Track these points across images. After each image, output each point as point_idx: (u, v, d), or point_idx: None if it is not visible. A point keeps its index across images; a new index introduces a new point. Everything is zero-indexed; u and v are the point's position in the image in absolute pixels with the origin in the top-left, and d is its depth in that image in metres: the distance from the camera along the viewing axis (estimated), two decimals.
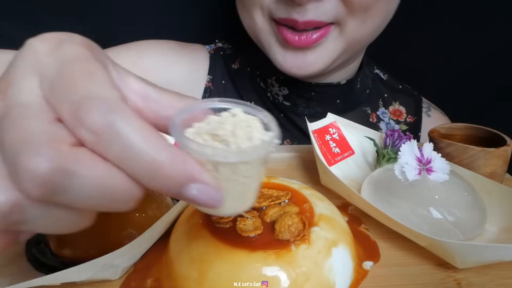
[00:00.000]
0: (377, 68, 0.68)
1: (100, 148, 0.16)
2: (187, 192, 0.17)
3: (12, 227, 0.16)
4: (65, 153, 0.15)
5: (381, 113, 0.63)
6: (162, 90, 0.20)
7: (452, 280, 0.29)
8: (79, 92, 0.16)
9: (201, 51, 0.64)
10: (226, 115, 0.19)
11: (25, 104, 0.16)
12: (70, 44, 0.18)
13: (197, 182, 0.17)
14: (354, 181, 0.42)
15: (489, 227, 0.33)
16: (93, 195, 0.16)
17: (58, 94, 0.16)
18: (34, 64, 0.17)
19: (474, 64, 0.73)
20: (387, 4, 0.47)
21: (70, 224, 0.17)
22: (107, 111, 0.15)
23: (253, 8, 0.48)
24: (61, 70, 0.17)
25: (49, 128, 0.16)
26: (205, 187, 0.17)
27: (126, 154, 0.16)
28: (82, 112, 0.15)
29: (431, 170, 0.33)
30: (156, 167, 0.16)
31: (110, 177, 0.16)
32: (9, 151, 0.15)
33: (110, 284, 0.28)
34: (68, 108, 0.16)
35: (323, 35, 0.46)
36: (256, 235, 0.27)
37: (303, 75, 0.49)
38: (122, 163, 0.16)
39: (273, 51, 0.50)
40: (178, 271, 0.28)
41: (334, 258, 0.27)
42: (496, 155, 0.38)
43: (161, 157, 0.16)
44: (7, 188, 0.16)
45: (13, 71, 0.18)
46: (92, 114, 0.15)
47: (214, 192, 0.17)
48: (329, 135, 0.45)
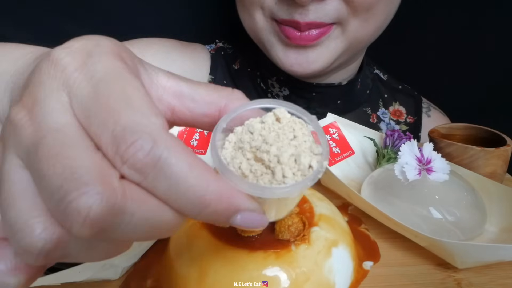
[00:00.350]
0: (377, 69, 0.68)
1: (147, 185, 0.15)
2: (233, 221, 0.17)
3: (53, 262, 0.16)
4: (116, 191, 0.14)
5: (382, 113, 0.63)
6: (195, 84, 0.19)
7: (452, 280, 0.29)
8: (119, 122, 0.15)
9: (202, 51, 0.64)
10: (270, 118, 0.19)
11: (61, 129, 0.15)
12: (100, 56, 0.17)
13: (243, 212, 0.17)
14: (354, 181, 0.42)
15: (489, 227, 0.33)
16: (141, 230, 0.15)
17: (95, 121, 0.15)
18: (63, 81, 0.16)
19: (474, 64, 0.73)
20: (388, 4, 0.47)
21: (111, 253, 0.17)
22: (152, 147, 0.14)
23: (253, 8, 0.48)
24: (96, 92, 0.15)
25: (95, 161, 0.14)
26: (250, 215, 0.17)
27: (174, 191, 0.15)
28: (126, 148, 0.14)
29: (431, 170, 0.33)
30: (204, 204, 0.15)
31: (159, 212, 0.15)
32: (51, 186, 0.14)
33: (110, 284, 0.28)
34: (109, 140, 0.15)
35: (324, 32, 0.46)
36: (256, 235, 0.27)
37: (304, 73, 0.49)
38: (170, 199, 0.15)
39: (275, 49, 0.49)
40: (178, 271, 0.28)
41: (334, 258, 0.27)
42: (496, 155, 0.38)
43: (209, 195, 0.15)
44: (49, 225, 0.14)
45: (39, 88, 0.16)
46: (136, 151, 0.14)
47: (259, 218, 0.17)
48: (329, 135, 0.45)
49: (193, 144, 0.46)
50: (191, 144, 0.46)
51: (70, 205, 0.13)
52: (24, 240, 0.14)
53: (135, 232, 0.15)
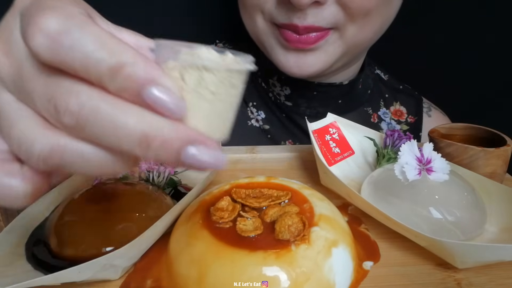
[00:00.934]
0: (378, 69, 0.68)
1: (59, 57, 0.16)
2: (147, 92, 0.16)
3: (54, 170, 0.19)
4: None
5: (382, 113, 0.64)
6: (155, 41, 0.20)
7: (452, 280, 0.29)
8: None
9: None
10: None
11: None
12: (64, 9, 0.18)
13: (158, 85, 0.16)
14: (354, 181, 0.42)
15: (489, 227, 0.33)
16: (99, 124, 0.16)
17: None
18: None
19: (474, 64, 0.73)
20: (387, 9, 0.47)
21: (102, 163, 0.18)
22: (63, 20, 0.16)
23: (254, 12, 0.49)
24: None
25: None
26: (165, 91, 0.16)
27: (85, 60, 0.16)
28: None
29: (431, 170, 0.33)
30: (118, 67, 0.16)
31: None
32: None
33: (110, 284, 0.28)
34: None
35: (322, 36, 0.47)
36: (256, 235, 0.27)
37: (302, 76, 0.50)
38: (85, 71, 0.16)
39: (275, 52, 0.51)
40: (178, 271, 0.28)
41: (334, 258, 0.27)
42: (496, 155, 0.38)
43: (121, 58, 0.16)
44: (42, 136, 0.17)
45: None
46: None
47: (175, 98, 0.17)
48: (329, 135, 0.45)
49: None
50: None
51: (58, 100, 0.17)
52: (25, 149, 0.17)
53: (99, 129, 0.16)
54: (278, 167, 0.48)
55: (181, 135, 0.17)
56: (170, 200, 0.35)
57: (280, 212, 0.29)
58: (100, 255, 0.26)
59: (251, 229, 0.28)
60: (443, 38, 0.73)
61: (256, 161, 0.49)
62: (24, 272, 0.28)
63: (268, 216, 0.29)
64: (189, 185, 0.40)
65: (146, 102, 0.16)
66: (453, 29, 0.72)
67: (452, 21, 0.71)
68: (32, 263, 0.29)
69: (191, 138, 0.17)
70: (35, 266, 0.29)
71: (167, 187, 0.38)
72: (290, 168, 0.48)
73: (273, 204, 0.30)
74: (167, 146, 0.16)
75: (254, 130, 0.61)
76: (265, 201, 0.31)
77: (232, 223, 0.28)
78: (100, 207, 0.31)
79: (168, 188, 0.38)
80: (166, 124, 0.16)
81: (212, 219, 0.29)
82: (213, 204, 0.31)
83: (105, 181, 0.35)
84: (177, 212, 0.32)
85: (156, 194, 0.34)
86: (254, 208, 0.30)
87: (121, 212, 0.31)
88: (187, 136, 0.17)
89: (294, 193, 0.32)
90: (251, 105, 0.62)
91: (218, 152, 0.17)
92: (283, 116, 0.61)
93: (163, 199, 0.34)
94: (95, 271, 0.26)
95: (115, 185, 0.34)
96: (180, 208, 0.33)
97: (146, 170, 0.37)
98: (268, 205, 0.30)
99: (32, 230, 0.32)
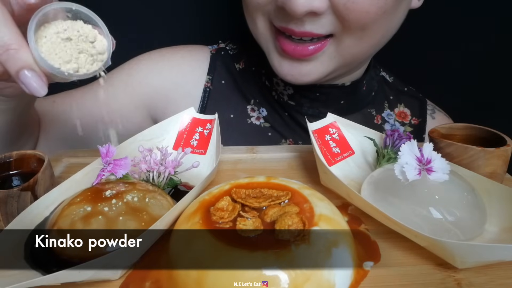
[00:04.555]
0: (383, 71, 0.68)
1: None
2: (22, 74, 0.27)
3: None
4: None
5: (386, 115, 0.64)
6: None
7: (452, 280, 0.29)
8: None
9: (201, 52, 0.65)
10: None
11: None
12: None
13: (30, 70, 0.27)
14: (354, 181, 0.42)
15: (489, 227, 0.33)
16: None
17: None
18: None
19: (474, 64, 0.73)
20: (387, 22, 0.46)
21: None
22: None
23: (255, 13, 0.49)
24: None
25: None
26: (34, 76, 0.27)
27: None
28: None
29: (431, 170, 0.33)
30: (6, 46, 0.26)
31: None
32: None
33: (110, 284, 0.28)
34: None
35: (319, 49, 0.47)
36: (256, 235, 0.27)
37: (297, 83, 0.51)
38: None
39: (271, 57, 0.51)
40: (178, 271, 0.28)
41: (334, 258, 0.27)
42: (496, 155, 0.38)
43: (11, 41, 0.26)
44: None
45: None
46: None
47: (39, 83, 0.27)
48: (329, 135, 0.45)
49: (193, 144, 0.46)
50: (191, 144, 0.46)
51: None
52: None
53: None
54: (278, 167, 0.48)
55: (26, 60, 0.27)
56: (170, 200, 0.35)
57: (280, 212, 0.29)
58: (100, 255, 0.26)
59: (251, 229, 0.28)
60: (444, 38, 0.73)
61: (256, 161, 0.49)
62: (24, 272, 0.28)
63: (268, 216, 0.29)
64: (189, 183, 0.40)
65: (20, 80, 0.27)
66: (453, 29, 0.72)
67: (452, 21, 0.71)
68: (32, 263, 0.29)
69: (32, 66, 0.27)
70: (34, 266, 0.29)
71: (167, 187, 0.38)
72: (290, 168, 0.48)
73: (273, 204, 0.30)
74: (14, 62, 0.26)
75: (254, 128, 0.61)
76: (265, 201, 0.31)
77: (232, 223, 0.28)
78: (100, 207, 0.31)
79: (168, 188, 0.38)
80: (23, 54, 0.27)
81: (212, 219, 0.29)
82: (213, 204, 0.31)
83: (105, 181, 0.35)
84: (177, 212, 0.33)
85: (156, 194, 0.34)
86: (254, 208, 0.30)
87: (121, 212, 0.31)
88: (29, 64, 0.27)
89: (294, 193, 0.32)
90: (254, 102, 0.62)
91: (44, 84, 0.28)
92: (285, 114, 0.61)
93: (163, 199, 0.34)
94: (95, 271, 0.26)
95: (115, 185, 0.34)
96: (180, 208, 0.33)
97: (146, 170, 0.37)
98: (268, 205, 0.30)
99: (32, 230, 0.32)
